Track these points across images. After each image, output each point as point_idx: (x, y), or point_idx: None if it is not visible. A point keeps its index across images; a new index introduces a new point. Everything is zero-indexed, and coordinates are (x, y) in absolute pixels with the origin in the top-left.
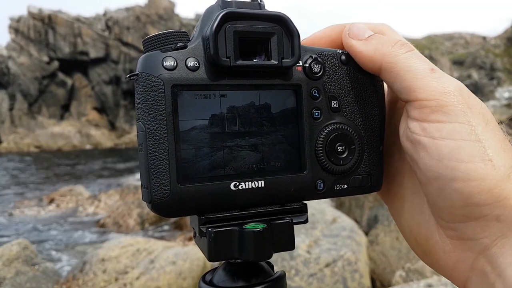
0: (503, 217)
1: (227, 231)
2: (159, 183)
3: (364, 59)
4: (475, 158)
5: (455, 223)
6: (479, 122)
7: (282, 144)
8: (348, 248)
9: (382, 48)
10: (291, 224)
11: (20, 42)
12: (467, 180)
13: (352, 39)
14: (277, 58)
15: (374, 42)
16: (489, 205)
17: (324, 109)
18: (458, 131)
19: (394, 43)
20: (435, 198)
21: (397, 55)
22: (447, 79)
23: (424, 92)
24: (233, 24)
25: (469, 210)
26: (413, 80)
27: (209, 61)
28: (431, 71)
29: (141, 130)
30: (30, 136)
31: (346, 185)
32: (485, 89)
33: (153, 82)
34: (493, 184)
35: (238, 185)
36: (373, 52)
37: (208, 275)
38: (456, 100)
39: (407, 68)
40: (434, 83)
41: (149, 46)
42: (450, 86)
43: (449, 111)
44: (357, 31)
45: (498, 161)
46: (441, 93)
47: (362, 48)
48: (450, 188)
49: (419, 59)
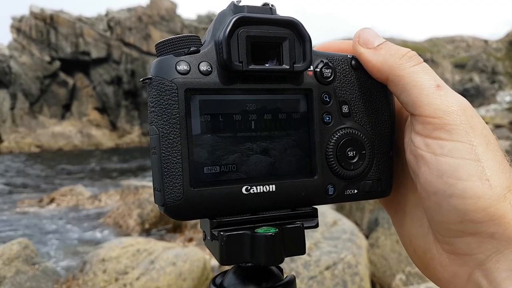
0: (497, 235)
1: (239, 235)
2: (172, 186)
3: (372, 69)
4: (473, 177)
5: (451, 237)
6: (480, 142)
7: (293, 148)
8: (348, 251)
9: (390, 59)
10: (302, 229)
11: (22, 41)
12: (463, 197)
13: (362, 47)
14: (289, 63)
15: (382, 53)
16: (484, 223)
17: (334, 114)
18: (459, 150)
19: (403, 55)
20: (433, 212)
21: (405, 68)
22: (452, 97)
23: (428, 109)
24: (245, 29)
25: (464, 226)
26: (419, 95)
27: (222, 65)
28: (437, 87)
29: (154, 134)
30: (31, 136)
31: (356, 190)
32: (486, 92)
33: (167, 86)
34: (489, 203)
35: (249, 189)
36: (380, 63)
37: (218, 278)
38: (459, 119)
39: (414, 82)
40: (439, 101)
41: (162, 50)
42: (454, 105)
43: (452, 129)
44: (367, 39)
45: (495, 181)
46: (445, 112)
47: (371, 57)
48: (448, 204)
49: (426, 73)
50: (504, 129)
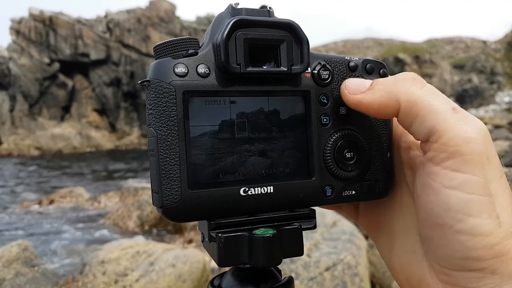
0: (499, 271)
1: (236, 237)
2: (170, 188)
3: (378, 108)
4: (483, 214)
5: (450, 270)
6: (494, 176)
7: (291, 150)
8: (348, 251)
9: (394, 88)
10: (300, 230)
11: (21, 43)
12: (471, 234)
13: (356, 95)
14: (287, 65)
15: (381, 87)
16: (488, 260)
17: (332, 116)
18: (470, 184)
19: (403, 79)
20: (435, 243)
21: (414, 93)
22: (471, 121)
23: (445, 136)
24: (243, 31)
25: (467, 262)
26: (435, 121)
27: (220, 67)
28: (453, 111)
29: (152, 136)
30: (31, 137)
31: (354, 191)
32: (485, 93)
33: (165, 88)
34: (496, 241)
35: (247, 191)
36: (385, 97)
37: (216, 279)
38: (477, 149)
39: (429, 106)
40: (458, 127)
41: (160, 53)
42: (474, 131)
43: (467, 160)
44: (356, 85)
45: (504, 218)
46: (464, 140)
47: (371, 97)
48: (453, 239)
49: (438, 96)
50: (503, 129)
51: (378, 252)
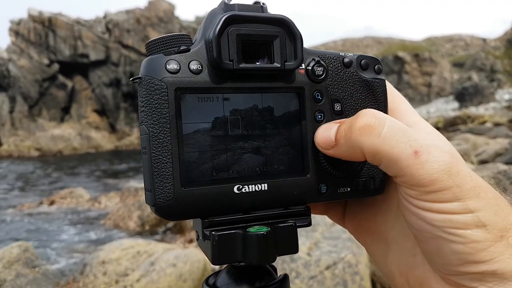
0: (499, 271)
1: (230, 234)
2: (162, 186)
3: (350, 158)
4: (470, 226)
5: (453, 275)
6: (469, 195)
7: (285, 147)
8: (348, 250)
9: (354, 142)
10: (295, 227)
11: (21, 44)
12: (464, 242)
13: (328, 150)
14: (280, 61)
15: (342, 142)
16: (485, 262)
17: (327, 112)
18: (449, 208)
19: (359, 129)
20: (432, 255)
21: (372, 143)
22: (433, 161)
23: (411, 181)
24: (236, 27)
25: (466, 267)
26: (399, 168)
27: (212, 64)
28: (415, 154)
29: (144, 133)
30: (31, 139)
31: (349, 188)
32: (485, 91)
33: (157, 85)
34: (488, 244)
35: (241, 188)
36: (350, 151)
37: (211, 278)
38: (445, 184)
39: (389, 155)
40: (421, 171)
41: (152, 49)
42: (437, 171)
43: (439, 195)
44: (324, 142)
45: (491, 225)
46: (429, 181)
47: (339, 152)
48: (448, 248)
49: (397, 138)
50: (503, 127)
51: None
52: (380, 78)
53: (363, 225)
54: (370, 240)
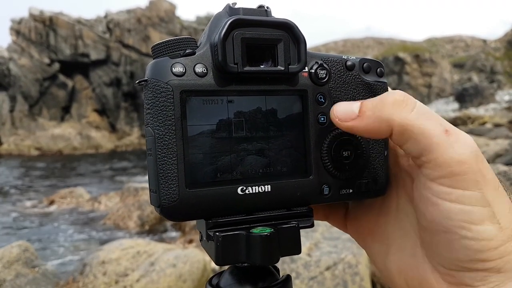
0: (503, 269)
1: (234, 235)
2: (167, 187)
3: (371, 134)
4: (484, 221)
5: (456, 271)
6: (489, 188)
7: (288, 149)
8: (348, 251)
9: (384, 113)
10: (298, 228)
11: (21, 43)
12: (476, 239)
13: (347, 122)
14: (284, 64)
15: (370, 114)
16: (493, 261)
17: (329, 115)
18: (468, 197)
19: (392, 103)
20: (440, 248)
21: (405, 117)
22: (463, 142)
23: (439, 158)
24: (240, 31)
25: (474, 263)
26: (428, 144)
27: (217, 67)
28: (446, 133)
29: (150, 135)
30: (31, 138)
31: (351, 190)
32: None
33: (162, 88)
34: (499, 243)
35: (245, 190)
36: (376, 123)
37: (215, 278)
38: (471, 169)
39: (421, 130)
40: (451, 150)
41: (158, 53)
42: (466, 153)
43: (462, 180)
44: (345, 113)
45: (505, 223)
46: (457, 162)
47: (362, 124)
48: (459, 244)
49: (430, 117)
50: (503, 128)
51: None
52: (382, 81)
53: (364, 227)
54: (371, 242)
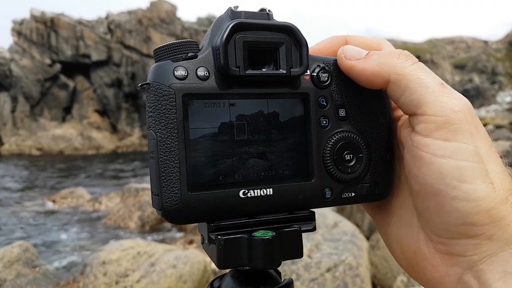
0: (495, 237)
1: (236, 239)
2: (169, 190)
3: (369, 76)
4: (477, 179)
5: (447, 238)
6: (483, 144)
7: (290, 152)
8: (349, 252)
9: (387, 60)
10: (299, 232)
11: (23, 44)
12: (467, 200)
13: (350, 60)
14: (286, 68)
15: (375, 58)
16: (485, 225)
17: (331, 118)
18: (462, 151)
19: (398, 54)
20: (431, 213)
21: (405, 67)
22: (457, 95)
23: (434, 107)
24: (242, 34)
25: (464, 228)
26: (423, 93)
27: (219, 70)
28: (441, 85)
29: (152, 138)
30: (32, 138)
31: (353, 193)
32: (486, 93)
33: (165, 91)
34: (492, 205)
35: (247, 193)
36: (378, 67)
37: (216, 281)
38: (465, 118)
39: (418, 80)
40: (445, 99)
41: (160, 56)
42: (460, 104)
43: (456, 129)
44: (353, 52)
45: (498, 184)
46: (451, 110)
47: (364, 65)
48: (450, 206)
49: (427, 72)
50: (504, 129)
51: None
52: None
53: None
54: (377, 212)
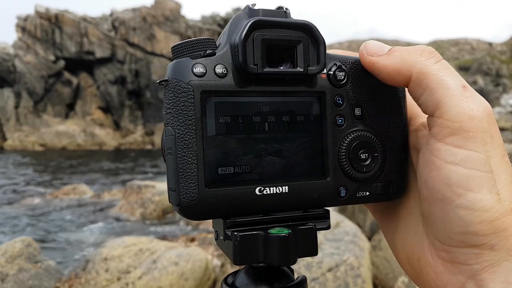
0: (497, 247)
1: (252, 235)
2: (187, 186)
3: (391, 73)
4: (483, 189)
5: (450, 246)
6: (496, 154)
7: (306, 150)
8: (351, 253)
9: (409, 57)
10: (315, 230)
11: (27, 41)
12: (471, 209)
13: (373, 56)
14: (303, 66)
15: (397, 54)
16: (487, 236)
17: (347, 116)
18: (472, 160)
19: (421, 51)
20: (436, 219)
21: (428, 65)
22: (477, 100)
23: (451, 112)
24: (261, 32)
25: (466, 237)
26: (443, 95)
27: (237, 68)
28: (463, 88)
29: (170, 134)
30: (35, 134)
31: (368, 192)
32: (490, 95)
33: (183, 88)
34: (495, 216)
35: (263, 190)
36: (400, 64)
37: (230, 277)
38: (481, 127)
39: (439, 81)
40: (464, 103)
41: (179, 53)
42: (479, 110)
43: (470, 137)
44: (375, 48)
45: (504, 195)
46: (468, 116)
47: (386, 61)
48: (453, 213)
49: (451, 72)
50: (508, 132)
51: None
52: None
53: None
54: (384, 218)
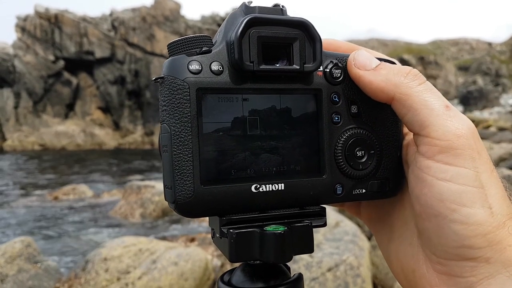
0: (492, 260)
1: (248, 233)
2: (183, 184)
3: (375, 90)
4: (476, 204)
5: (446, 259)
6: (485, 169)
7: (302, 147)
8: (350, 252)
9: (394, 78)
10: (311, 227)
11: (27, 41)
12: (465, 223)
13: (359, 69)
14: (299, 63)
15: (383, 72)
16: (482, 249)
17: (343, 114)
18: (462, 176)
19: (407, 73)
20: (430, 234)
21: (411, 87)
22: (461, 118)
23: (437, 131)
24: (257, 29)
25: (462, 250)
26: (428, 116)
27: (233, 65)
28: (446, 108)
29: (165, 132)
30: (35, 134)
31: (364, 190)
32: (490, 95)
33: (179, 85)
34: (489, 230)
35: (258, 188)
36: (384, 83)
37: (226, 275)
38: (468, 144)
39: (423, 102)
40: (449, 123)
41: (175, 50)
42: (464, 128)
43: (458, 154)
44: (364, 61)
45: (496, 209)
46: (454, 135)
47: (372, 78)
48: (448, 228)
49: (434, 93)
50: (507, 132)
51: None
52: None
53: (374, 215)
54: (379, 228)
